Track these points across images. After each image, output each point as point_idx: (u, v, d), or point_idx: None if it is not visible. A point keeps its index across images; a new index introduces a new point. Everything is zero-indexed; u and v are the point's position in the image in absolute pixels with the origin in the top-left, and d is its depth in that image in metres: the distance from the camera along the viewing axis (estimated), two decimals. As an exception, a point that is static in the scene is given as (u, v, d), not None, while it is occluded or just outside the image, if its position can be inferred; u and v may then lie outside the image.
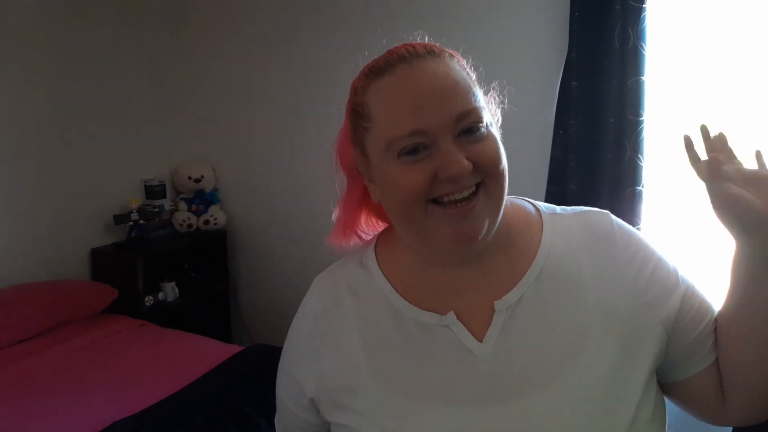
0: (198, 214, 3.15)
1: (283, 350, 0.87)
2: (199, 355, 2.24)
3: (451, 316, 0.74)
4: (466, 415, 0.69)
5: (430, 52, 0.71)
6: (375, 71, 0.72)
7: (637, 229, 0.83)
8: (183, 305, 2.97)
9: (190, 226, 3.11)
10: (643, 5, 1.93)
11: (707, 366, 0.76)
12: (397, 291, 0.78)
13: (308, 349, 0.81)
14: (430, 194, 0.69)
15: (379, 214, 0.89)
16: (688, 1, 2.03)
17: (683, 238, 2.15)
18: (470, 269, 0.76)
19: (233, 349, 2.31)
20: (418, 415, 0.71)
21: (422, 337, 0.74)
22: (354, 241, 0.88)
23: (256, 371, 2.07)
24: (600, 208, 0.84)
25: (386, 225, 0.89)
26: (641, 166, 2.04)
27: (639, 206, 2.06)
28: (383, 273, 0.80)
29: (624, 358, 0.70)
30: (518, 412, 0.68)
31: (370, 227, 0.90)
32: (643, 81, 1.98)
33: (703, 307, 0.77)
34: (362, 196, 0.85)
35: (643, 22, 1.93)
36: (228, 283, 3.29)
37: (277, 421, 0.91)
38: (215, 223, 3.15)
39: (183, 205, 3.16)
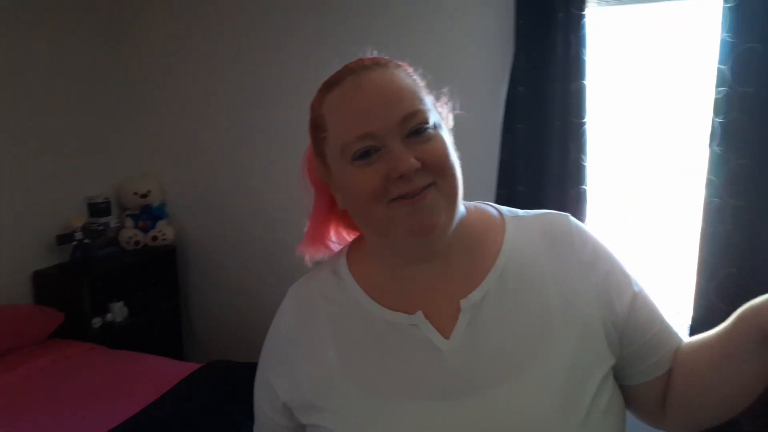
0: (145, 230, 3.05)
1: (260, 358, 0.89)
2: (155, 375, 2.18)
3: (419, 316, 0.77)
4: (435, 409, 0.72)
5: (376, 64, 0.77)
6: (327, 86, 0.78)
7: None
8: (133, 325, 2.88)
9: (137, 243, 3.02)
10: (583, 13, 2.02)
11: (655, 377, 0.80)
12: (368, 295, 0.81)
13: (282, 356, 0.84)
14: (387, 195, 0.72)
15: (347, 224, 0.93)
16: (623, 10, 2.15)
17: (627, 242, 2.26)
18: (436, 270, 0.80)
19: (191, 367, 2.25)
20: (390, 410, 0.73)
21: (392, 336, 0.77)
22: (323, 252, 0.92)
23: (216, 388, 2.03)
24: (547, 208, 0.89)
25: (354, 236, 0.92)
26: (585, 167, 2.12)
27: (584, 205, 2.15)
28: (355, 279, 0.83)
29: (581, 351, 0.74)
30: (483, 405, 0.71)
31: (339, 238, 0.94)
32: (585, 85, 2.06)
33: (655, 314, 0.81)
34: (329, 208, 0.89)
35: (584, 29, 2.02)
36: (179, 299, 3.20)
37: (256, 429, 0.93)
38: (163, 239, 3.06)
39: (129, 222, 3.05)
